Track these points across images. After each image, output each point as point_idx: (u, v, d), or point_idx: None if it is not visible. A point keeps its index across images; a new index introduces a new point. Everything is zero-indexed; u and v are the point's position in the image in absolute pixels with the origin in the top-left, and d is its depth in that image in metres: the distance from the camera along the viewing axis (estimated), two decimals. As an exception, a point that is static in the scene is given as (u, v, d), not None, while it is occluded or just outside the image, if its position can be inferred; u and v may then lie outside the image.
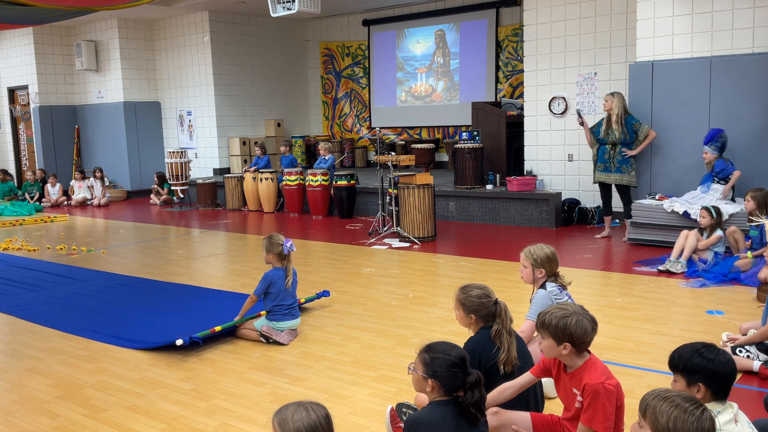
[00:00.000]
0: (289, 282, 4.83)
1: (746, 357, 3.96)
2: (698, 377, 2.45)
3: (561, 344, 2.72)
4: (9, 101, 16.04)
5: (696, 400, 2.08)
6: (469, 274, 6.60)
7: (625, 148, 7.77)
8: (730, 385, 2.47)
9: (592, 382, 2.66)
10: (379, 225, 9.02)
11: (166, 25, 14.75)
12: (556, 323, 2.71)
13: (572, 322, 2.69)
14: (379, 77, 14.86)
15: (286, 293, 4.82)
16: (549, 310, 2.81)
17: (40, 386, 4.13)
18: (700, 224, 6.52)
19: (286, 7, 10.06)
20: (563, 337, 2.70)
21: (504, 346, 3.04)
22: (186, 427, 3.50)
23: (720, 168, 7.20)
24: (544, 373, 2.94)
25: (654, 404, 2.07)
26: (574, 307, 2.78)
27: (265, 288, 4.79)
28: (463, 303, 3.14)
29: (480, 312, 3.11)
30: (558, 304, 2.87)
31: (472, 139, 9.94)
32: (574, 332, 2.69)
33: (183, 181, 12.83)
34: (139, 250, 8.72)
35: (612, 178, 7.91)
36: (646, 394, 2.15)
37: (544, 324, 2.76)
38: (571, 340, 2.70)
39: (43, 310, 5.84)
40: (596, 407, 2.63)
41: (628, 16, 8.98)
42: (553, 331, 2.72)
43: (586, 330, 2.70)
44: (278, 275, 4.82)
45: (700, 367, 2.45)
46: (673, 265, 6.34)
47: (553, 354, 2.78)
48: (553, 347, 2.75)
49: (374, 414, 3.54)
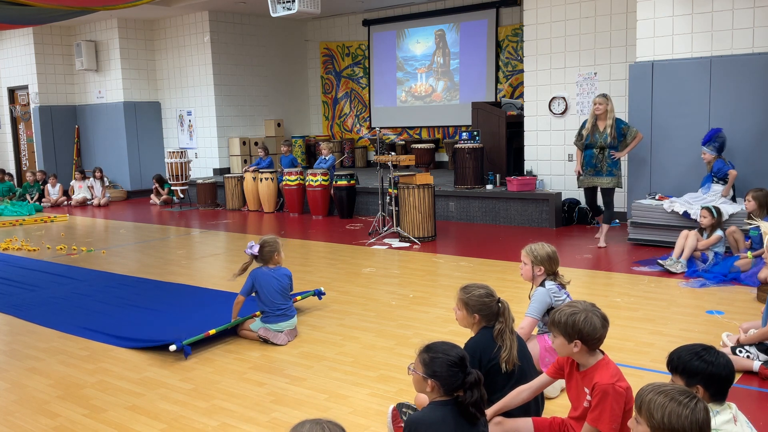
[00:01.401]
0: (277, 284, 4.82)
1: (746, 357, 3.96)
2: (697, 379, 2.45)
3: (572, 342, 2.73)
4: (9, 101, 16.04)
5: (690, 393, 2.08)
6: (469, 274, 6.60)
7: (613, 151, 7.54)
8: (729, 387, 2.48)
9: (602, 382, 2.67)
10: (379, 225, 9.02)
11: (166, 25, 14.75)
12: (565, 320, 2.73)
13: (581, 319, 2.70)
14: (379, 77, 14.86)
15: (275, 294, 4.81)
16: (559, 308, 2.83)
17: (40, 386, 4.13)
18: (701, 224, 6.52)
19: (286, 7, 10.06)
20: (573, 335, 2.71)
21: (506, 345, 3.04)
22: (186, 427, 3.50)
23: (718, 168, 7.20)
24: (558, 373, 2.95)
25: (649, 399, 2.07)
26: (584, 304, 2.79)
27: (250, 286, 4.82)
28: (467, 303, 3.12)
29: (483, 311, 3.11)
30: (568, 302, 2.88)
31: (472, 139, 9.95)
32: (583, 329, 2.69)
33: (183, 181, 12.83)
34: (139, 250, 8.72)
35: (604, 182, 7.63)
36: (640, 390, 2.15)
37: (554, 321, 2.78)
38: (581, 337, 2.71)
39: (43, 310, 5.83)
40: (604, 407, 2.63)
41: (628, 16, 8.98)
42: (563, 328, 2.74)
43: (595, 327, 2.70)
44: (260, 273, 4.84)
45: (699, 370, 2.45)
46: (673, 264, 6.34)
47: (566, 352, 2.79)
48: (565, 345, 2.76)
49: (374, 414, 3.54)
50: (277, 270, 4.90)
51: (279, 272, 4.89)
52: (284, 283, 4.88)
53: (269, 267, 4.88)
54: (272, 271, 4.87)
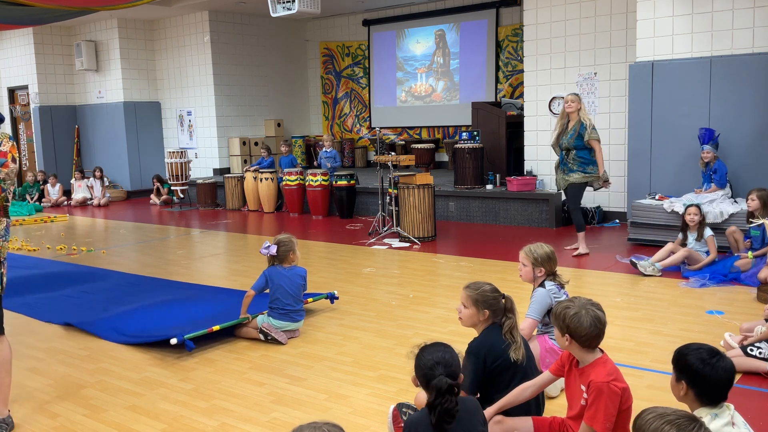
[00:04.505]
0: (289, 284, 4.83)
1: (759, 356, 3.91)
2: (699, 382, 2.44)
3: (563, 335, 2.78)
4: (9, 101, 16.04)
5: (693, 418, 2.05)
6: (469, 274, 6.60)
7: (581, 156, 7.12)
8: (728, 391, 2.47)
9: (597, 380, 2.67)
10: (379, 225, 9.02)
11: (166, 25, 14.75)
12: (558, 312, 2.80)
13: (570, 314, 2.74)
14: (379, 77, 14.86)
15: (286, 295, 4.82)
16: (560, 301, 2.91)
17: (40, 386, 4.13)
18: (691, 222, 6.39)
19: (286, 7, 10.06)
20: (563, 328, 2.77)
21: (517, 341, 3.06)
22: (186, 427, 3.50)
23: (717, 168, 7.20)
24: (560, 370, 2.96)
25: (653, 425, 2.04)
26: (581, 301, 2.80)
27: (263, 284, 4.84)
28: (477, 299, 3.09)
29: (494, 307, 3.10)
30: (571, 297, 2.90)
31: (472, 139, 9.95)
32: (570, 324, 2.73)
33: (183, 181, 12.83)
34: (139, 250, 8.72)
35: (571, 178, 7.19)
36: (645, 414, 2.11)
37: (551, 313, 2.89)
38: (569, 332, 2.75)
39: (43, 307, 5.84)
40: (598, 406, 2.63)
41: (628, 16, 8.98)
42: (555, 319, 2.82)
43: (581, 324, 2.71)
44: (274, 272, 4.86)
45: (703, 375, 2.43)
46: (648, 268, 6.29)
47: (562, 344, 2.84)
48: (560, 337, 2.82)
49: (374, 414, 3.54)
50: (292, 269, 4.92)
51: (293, 272, 4.91)
52: (297, 283, 4.90)
53: (284, 266, 4.89)
54: (287, 270, 4.88)
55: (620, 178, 9.12)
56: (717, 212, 6.93)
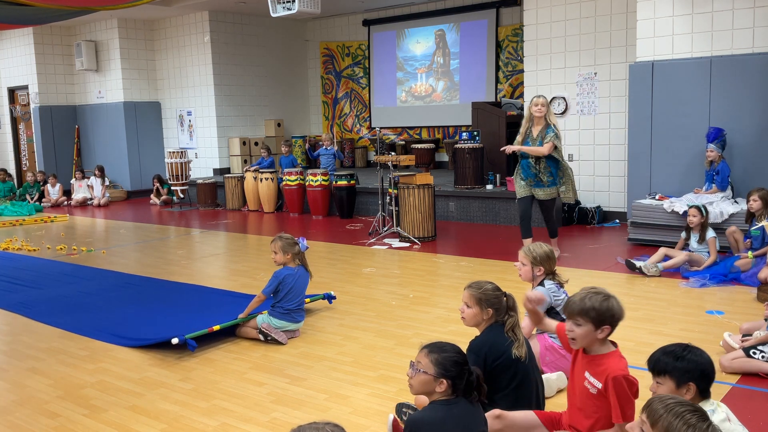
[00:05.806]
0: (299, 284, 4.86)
1: (762, 359, 3.91)
2: (689, 377, 2.46)
3: (599, 328, 2.71)
4: (9, 101, 16.04)
5: (701, 413, 2.06)
6: (469, 274, 6.60)
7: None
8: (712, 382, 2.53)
9: (617, 374, 2.67)
10: (379, 225, 9.02)
11: (166, 25, 14.75)
12: (599, 306, 2.70)
13: (614, 305, 2.73)
14: (379, 77, 14.86)
15: (296, 293, 4.83)
16: (578, 297, 2.77)
17: (40, 386, 4.13)
18: (690, 223, 6.45)
19: (286, 7, 10.06)
20: (605, 320, 2.71)
21: (519, 338, 3.06)
22: (186, 427, 3.50)
23: (720, 168, 7.20)
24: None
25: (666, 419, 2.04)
26: (596, 289, 2.79)
27: (275, 287, 4.80)
28: (480, 298, 3.09)
29: (496, 305, 3.10)
30: (583, 290, 2.82)
31: (472, 139, 9.95)
32: (616, 313, 2.72)
33: (183, 181, 12.83)
34: (139, 250, 8.72)
35: (541, 193, 6.91)
36: (654, 404, 2.10)
37: (584, 309, 2.71)
38: (612, 323, 2.72)
39: (43, 308, 5.84)
40: (623, 403, 2.66)
41: (628, 16, 8.98)
42: (594, 314, 2.70)
43: (622, 309, 2.75)
44: (290, 274, 4.85)
45: (690, 368, 2.46)
46: (650, 269, 6.31)
47: (588, 340, 2.76)
48: (590, 333, 2.73)
49: (374, 414, 3.54)
50: (299, 268, 4.94)
51: (301, 270, 4.94)
52: (305, 282, 4.94)
53: (291, 267, 4.90)
54: (294, 270, 4.90)
55: (620, 178, 9.13)
56: (717, 212, 6.92)
